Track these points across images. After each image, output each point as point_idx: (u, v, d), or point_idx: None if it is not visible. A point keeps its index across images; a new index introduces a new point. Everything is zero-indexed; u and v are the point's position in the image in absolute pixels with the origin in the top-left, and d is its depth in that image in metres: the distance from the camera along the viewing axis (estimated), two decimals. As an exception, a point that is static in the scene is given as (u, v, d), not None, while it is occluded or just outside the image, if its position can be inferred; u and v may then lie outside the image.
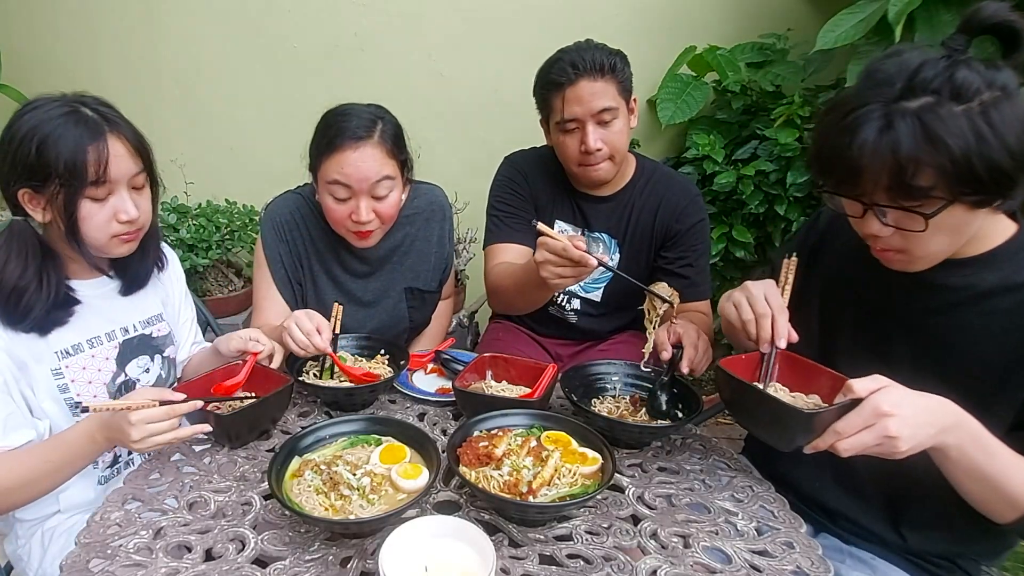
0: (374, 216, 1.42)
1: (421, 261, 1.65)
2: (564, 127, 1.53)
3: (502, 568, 0.89)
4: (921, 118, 0.82)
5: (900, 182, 0.85)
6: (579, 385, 1.30)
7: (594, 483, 1.02)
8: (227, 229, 2.63)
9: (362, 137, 1.38)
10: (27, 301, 1.11)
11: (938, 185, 0.84)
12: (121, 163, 1.12)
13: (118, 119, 1.14)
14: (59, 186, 1.08)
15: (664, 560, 0.92)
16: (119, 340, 1.26)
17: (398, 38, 2.70)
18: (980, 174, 0.82)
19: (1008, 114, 0.82)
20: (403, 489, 1.00)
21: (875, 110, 0.85)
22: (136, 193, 1.17)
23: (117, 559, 0.90)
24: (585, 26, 2.63)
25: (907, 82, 0.85)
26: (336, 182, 1.39)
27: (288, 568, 0.90)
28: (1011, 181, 0.84)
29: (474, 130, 2.82)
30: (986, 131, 0.81)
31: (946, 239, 0.92)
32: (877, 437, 0.84)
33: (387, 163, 1.41)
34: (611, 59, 1.50)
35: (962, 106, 0.82)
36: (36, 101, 1.11)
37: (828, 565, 0.92)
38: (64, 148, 1.06)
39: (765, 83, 2.46)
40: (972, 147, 0.81)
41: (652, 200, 1.65)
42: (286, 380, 1.22)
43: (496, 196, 1.75)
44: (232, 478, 1.09)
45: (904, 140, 0.82)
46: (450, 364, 1.48)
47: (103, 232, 1.14)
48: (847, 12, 1.98)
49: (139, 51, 2.74)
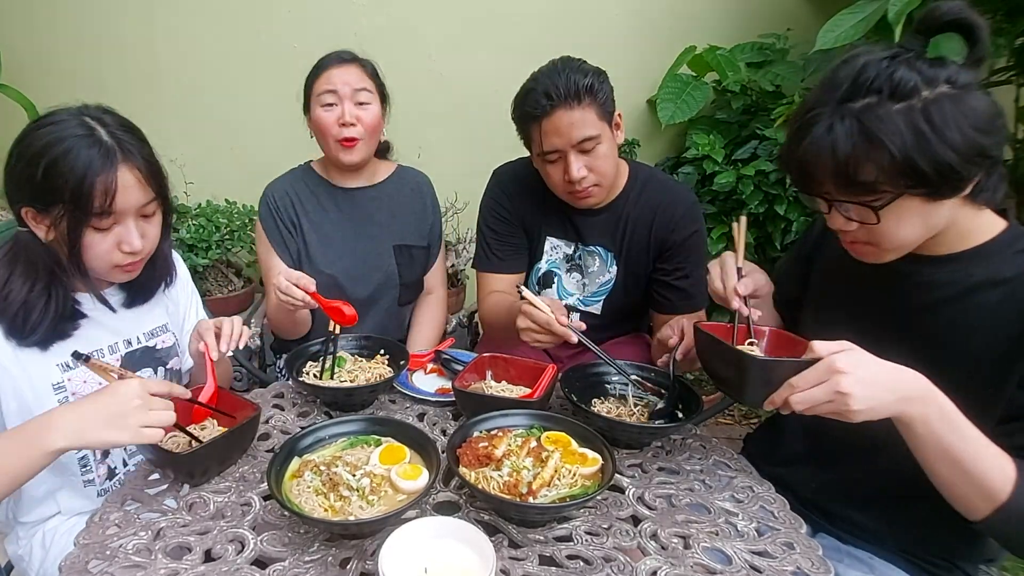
0: (357, 122, 1.60)
1: (406, 223, 1.77)
2: (546, 158, 1.48)
3: (502, 569, 0.89)
4: (860, 118, 0.86)
5: (844, 178, 0.89)
6: (579, 385, 1.30)
7: (594, 484, 1.02)
8: (227, 229, 2.63)
9: (346, 59, 1.64)
10: (35, 318, 1.08)
11: (880, 179, 0.87)
12: (130, 194, 1.07)
13: (134, 146, 1.09)
14: (63, 212, 1.04)
15: (664, 561, 0.92)
16: (122, 353, 1.24)
17: (398, 38, 2.70)
18: (923, 169, 0.84)
19: (950, 111, 0.84)
20: (403, 490, 0.99)
21: (822, 112, 0.89)
22: (145, 221, 1.13)
23: (116, 560, 0.90)
24: (585, 26, 2.64)
25: (851, 84, 0.88)
26: (324, 91, 1.60)
27: (288, 569, 0.89)
28: (958, 175, 0.86)
29: (474, 130, 2.82)
30: (924, 128, 0.83)
31: (911, 229, 0.93)
32: (828, 393, 0.85)
33: (367, 80, 1.63)
34: (587, 81, 1.40)
35: (902, 104, 0.85)
36: (54, 115, 1.07)
37: (828, 566, 0.92)
38: (72, 176, 1.02)
39: (765, 83, 2.46)
40: (910, 143, 0.84)
41: (647, 210, 1.59)
42: (253, 410, 1.14)
43: (483, 218, 1.72)
44: (231, 479, 1.09)
45: (842, 140, 0.87)
46: (450, 364, 1.48)
47: (104, 261, 1.11)
48: (847, 12, 1.98)
49: (139, 51, 2.74)
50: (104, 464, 1.23)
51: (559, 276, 1.72)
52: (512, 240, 1.69)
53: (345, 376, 1.38)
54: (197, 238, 2.54)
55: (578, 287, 1.71)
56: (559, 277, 1.72)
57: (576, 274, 1.71)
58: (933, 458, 0.90)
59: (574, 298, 1.72)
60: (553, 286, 1.73)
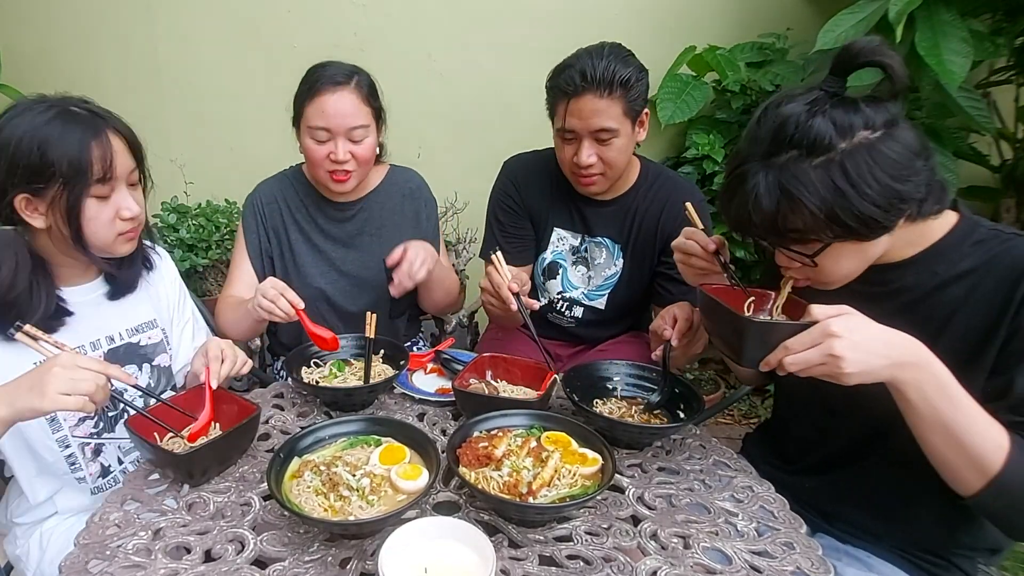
0: (351, 157, 1.52)
1: (398, 234, 1.68)
2: (562, 135, 1.52)
3: (502, 569, 0.89)
4: (780, 177, 0.89)
5: (774, 230, 0.92)
6: (580, 385, 1.30)
7: (594, 484, 1.02)
8: (227, 229, 2.63)
9: (340, 83, 1.51)
10: (18, 313, 1.07)
11: (809, 231, 0.90)
12: (123, 159, 1.11)
13: (111, 115, 1.13)
14: (62, 187, 1.05)
15: (664, 561, 0.92)
16: (104, 349, 1.22)
17: (398, 38, 2.70)
18: (844, 221, 0.87)
19: (866, 164, 0.86)
20: (403, 490, 1.00)
21: (749, 168, 0.92)
22: (132, 190, 1.16)
23: (116, 560, 0.90)
24: (585, 26, 2.64)
25: (772, 139, 0.90)
26: (317, 126, 1.50)
27: (287, 569, 0.89)
28: (878, 223, 0.88)
29: (474, 130, 2.82)
30: (843, 185, 0.86)
31: (850, 265, 0.97)
32: (822, 356, 0.86)
33: (363, 110, 1.53)
34: (624, 74, 1.42)
35: (820, 158, 0.87)
36: (18, 106, 1.09)
37: (828, 566, 0.92)
38: (68, 147, 1.05)
39: (765, 83, 2.46)
40: (829, 200, 0.86)
41: (655, 205, 1.62)
42: (252, 410, 1.13)
43: (492, 209, 1.75)
44: (231, 479, 1.09)
45: (764, 198, 0.89)
46: (450, 364, 1.48)
47: (108, 231, 1.13)
48: (847, 12, 1.98)
49: (139, 51, 2.74)
50: (96, 462, 1.23)
51: (564, 268, 1.73)
52: (520, 232, 1.71)
53: (350, 378, 1.38)
54: (197, 238, 2.54)
55: (583, 280, 1.72)
56: (564, 269, 1.73)
57: (582, 267, 1.72)
58: (926, 426, 0.90)
59: (579, 291, 1.73)
60: (557, 277, 1.74)
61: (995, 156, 2.39)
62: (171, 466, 1.08)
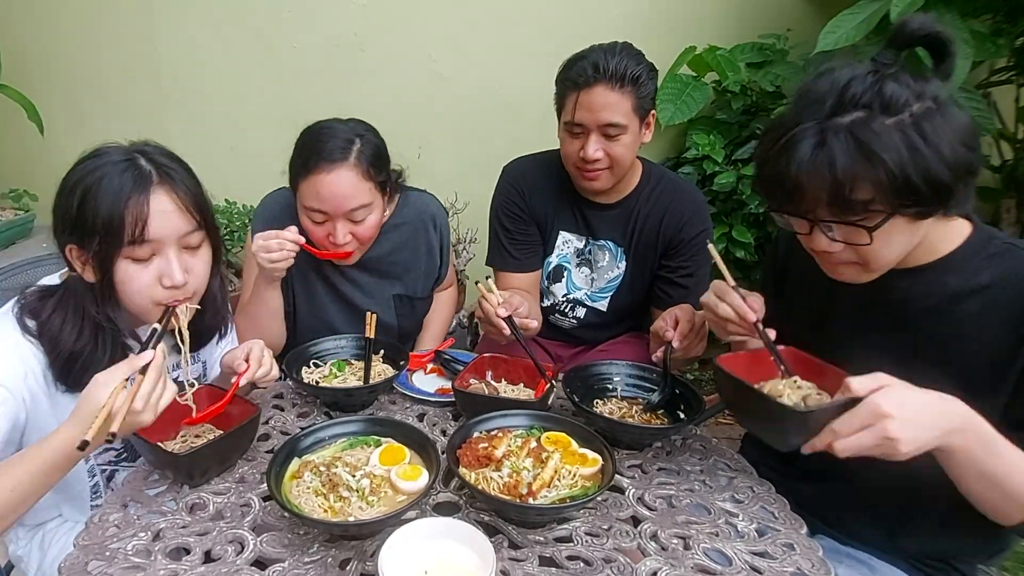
0: (351, 238, 1.44)
1: (409, 270, 1.64)
2: (570, 128, 1.51)
3: (502, 570, 0.89)
4: (854, 133, 0.83)
5: (839, 198, 0.86)
6: (580, 386, 1.30)
7: (594, 484, 1.02)
8: (227, 229, 2.63)
9: (337, 160, 1.36)
10: (83, 364, 1.04)
11: (877, 198, 0.85)
12: (167, 220, 1.02)
13: (174, 171, 1.04)
14: (98, 243, 0.99)
15: (664, 562, 0.92)
16: None
17: (398, 38, 2.70)
18: (917, 185, 0.83)
19: (940, 125, 0.83)
20: (403, 491, 0.99)
21: (809, 128, 0.86)
22: (189, 254, 1.07)
23: (116, 561, 0.90)
24: (585, 26, 2.63)
25: (837, 99, 0.86)
26: (312, 208, 1.40)
27: (287, 570, 0.89)
28: (948, 191, 0.85)
29: (474, 130, 2.82)
30: (919, 143, 0.82)
31: (896, 248, 0.92)
32: (876, 438, 0.82)
33: (362, 187, 1.39)
34: (636, 71, 1.44)
35: (893, 119, 0.83)
36: (100, 149, 1.04)
37: (828, 567, 0.92)
38: (103, 203, 0.98)
39: (765, 83, 2.46)
40: (906, 159, 0.82)
41: (658, 208, 1.62)
42: (253, 411, 1.12)
43: (496, 216, 1.73)
44: (231, 480, 1.09)
45: (839, 156, 0.84)
46: (450, 364, 1.48)
47: (144, 297, 1.04)
48: (848, 13, 1.98)
49: (139, 51, 2.73)
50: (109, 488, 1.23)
51: (569, 271, 1.73)
52: (527, 239, 1.71)
53: (351, 378, 1.38)
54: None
55: (587, 282, 1.72)
56: (569, 271, 1.73)
57: (585, 268, 1.72)
58: (969, 478, 0.89)
59: (582, 292, 1.73)
60: (563, 280, 1.74)
61: (995, 156, 2.39)
62: (171, 467, 1.08)
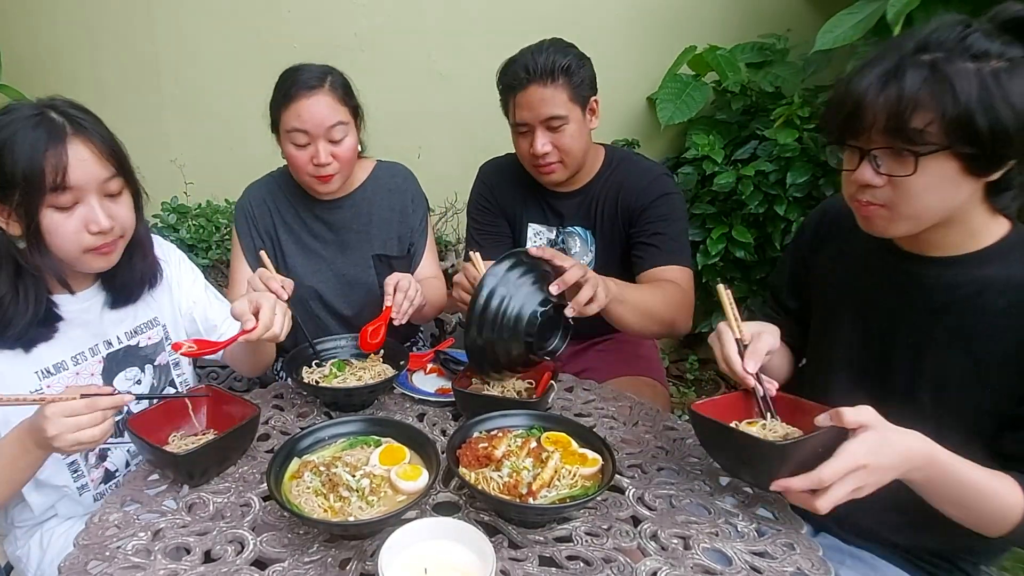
0: (333, 160, 1.52)
1: (385, 229, 1.71)
2: (518, 129, 1.57)
3: (502, 570, 0.89)
4: (933, 65, 0.85)
5: (897, 120, 0.86)
6: None
7: (594, 484, 1.02)
8: (227, 229, 2.63)
9: (314, 86, 1.50)
10: (4, 314, 1.05)
11: (934, 127, 0.85)
12: (86, 168, 1.04)
13: (86, 121, 1.07)
14: (20, 196, 1.01)
15: (664, 562, 0.92)
16: (103, 354, 1.21)
17: (398, 38, 2.70)
18: (979, 125, 0.83)
19: (1018, 80, 0.84)
20: (402, 490, 0.99)
21: (888, 60, 0.88)
22: (111, 201, 1.09)
23: (116, 561, 0.90)
24: (585, 26, 2.63)
25: (923, 39, 0.88)
26: (295, 129, 1.50)
27: (287, 570, 0.89)
28: (1008, 142, 0.85)
29: (474, 130, 2.81)
30: (994, 88, 0.83)
31: (936, 197, 0.91)
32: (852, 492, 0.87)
33: (339, 109, 1.52)
34: (564, 62, 1.48)
35: (974, 64, 0.84)
36: (9, 107, 1.06)
37: (828, 567, 0.92)
38: (21, 154, 1.00)
39: (765, 83, 2.46)
40: (975, 98, 0.83)
41: (615, 186, 1.66)
42: (252, 411, 1.13)
43: (469, 211, 1.81)
44: (231, 479, 1.09)
45: (911, 80, 0.85)
46: (450, 364, 1.48)
47: (73, 244, 1.06)
48: (846, 12, 1.98)
49: (139, 51, 2.73)
50: (100, 467, 1.23)
51: None
52: (494, 229, 1.77)
53: (351, 378, 1.38)
54: (197, 238, 2.54)
55: None
56: None
57: None
58: (938, 503, 0.93)
59: None
60: None
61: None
62: (171, 467, 1.08)
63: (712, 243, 2.45)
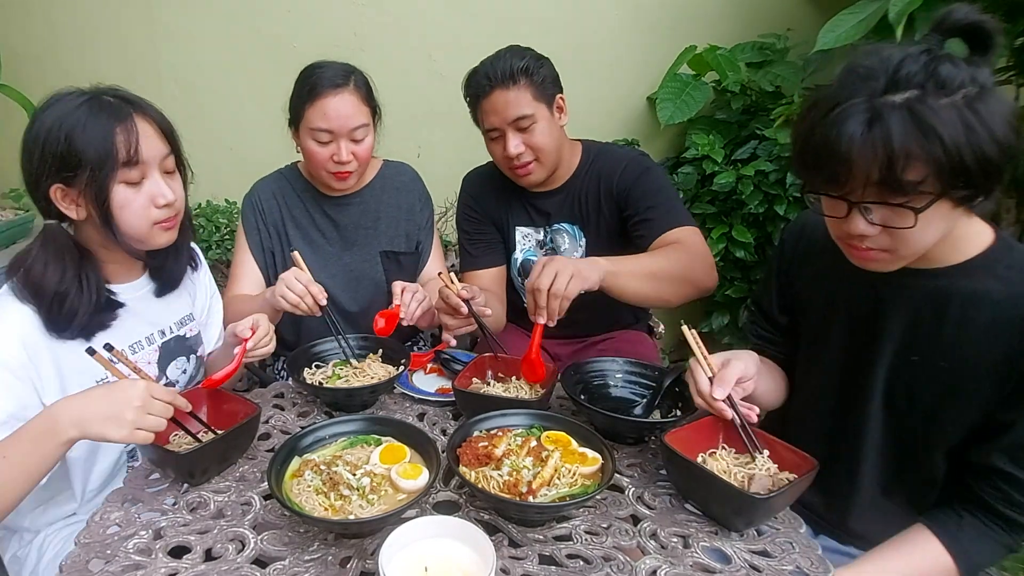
0: (353, 158, 1.56)
1: (392, 226, 1.74)
2: (489, 136, 1.61)
3: (502, 568, 0.89)
4: (911, 109, 0.81)
5: (891, 176, 0.83)
6: (578, 383, 1.30)
7: (594, 483, 1.02)
8: (227, 229, 2.63)
9: (340, 85, 1.53)
10: (70, 306, 1.09)
11: (928, 178, 0.83)
12: (152, 143, 1.11)
13: (141, 101, 1.13)
14: (91, 175, 1.05)
15: (664, 560, 0.92)
16: (159, 343, 1.26)
17: (398, 38, 2.70)
18: (970, 166, 0.81)
19: (992, 106, 0.82)
20: (403, 489, 1.00)
21: (861, 103, 0.84)
22: (169, 177, 1.15)
23: (117, 559, 0.90)
24: (585, 26, 2.64)
25: (891, 76, 0.84)
26: (320, 128, 1.52)
27: (288, 568, 0.90)
28: (998, 173, 0.84)
29: (474, 130, 2.79)
30: (974, 122, 0.81)
31: (933, 234, 0.90)
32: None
33: (363, 109, 1.56)
34: (523, 64, 1.52)
35: (948, 98, 0.82)
36: (55, 96, 1.10)
37: (828, 565, 0.92)
38: (93, 133, 1.05)
39: (765, 83, 2.46)
40: (962, 138, 0.81)
41: (594, 179, 1.67)
42: (253, 410, 1.14)
43: (458, 223, 1.84)
44: (231, 478, 1.09)
45: (896, 131, 0.81)
46: (450, 364, 1.48)
47: (143, 219, 1.11)
48: (847, 12, 1.98)
49: (139, 51, 2.74)
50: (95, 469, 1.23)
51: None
52: (484, 237, 1.79)
53: (353, 378, 1.38)
54: (197, 238, 2.54)
55: None
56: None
57: None
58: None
59: None
60: None
61: (995, 156, 2.39)
62: (171, 466, 1.08)
63: (712, 243, 2.44)
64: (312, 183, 1.70)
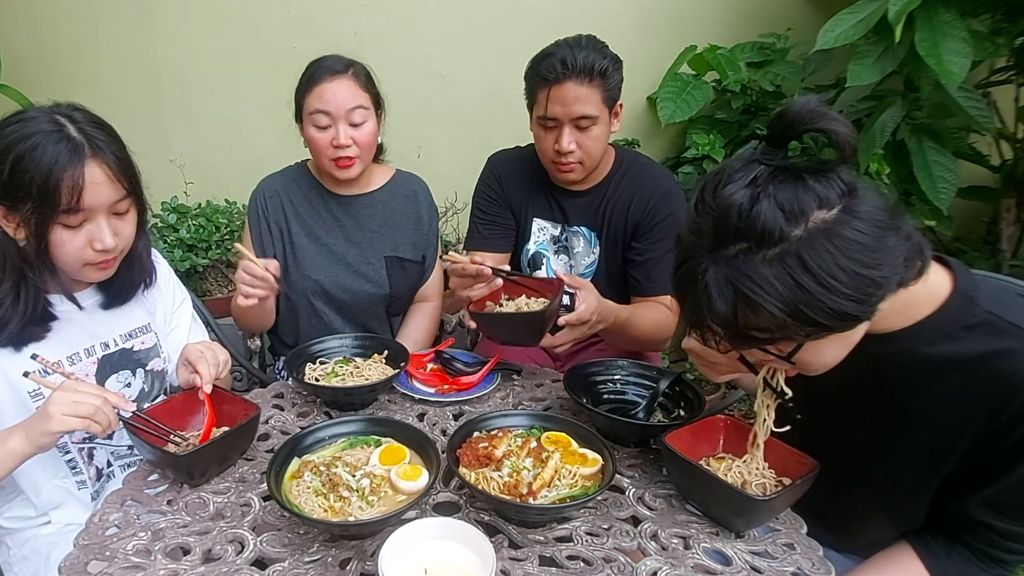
0: (352, 142, 1.55)
1: (399, 233, 1.73)
2: (543, 123, 1.55)
3: (502, 570, 0.89)
4: (731, 276, 0.76)
5: (740, 334, 0.79)
6: (580, 384, 1.30)
7: (594, 484, 1.02)
8: (227, 229, 2.63)
9: (338, 71, 1.56)
10: (2, 315, 1.07)
11: (777, 332, 0.77)
12: (99, 191, 1.05)
13: (103, 141, 1.07)
14: (31, 209, 1.03)
15: (664, 561, 0.92)
16: (98, 356, 1.22)
17: (398, 38, 2.70)
18: (816, 319, 0.75)
19: (827, 253, 0.73)
20: (403, 490, 0.99)
21: (696, 264, 0.80)
22: (118, 219, 1.11)
23: (116, 561, 0.90)
24: (585, 26, 2.62)
25: (715, 229, 0.78)
26: (317, 111, 1.54)
27: (287, 570, 0.89)
28: (857, 316, 0.77)
29: (474, 130, 2.82)
30: (804, 279, 0.73)
31: (834, 352, 0.85)
32: None
33: (361, 94, 1.56)
34: (603, 64, 1.48)
35: (773, 251, 0.74)
36: (24, 113, 1.07)
37: (829, 566, 0.92)
38: (38, 172, 1.00)
39: (765, 83, 2.46)
40: (791, 299, 0.74)
41: (626, 193, 1.65)
42: (252, 410, 1.13)
43: (475, 200, 1.80)
44: (231, 479, 1.09)
45: (719, 301, 0.77)
46: (450, 364, 1.48)
47: (75, 259, 1.09)
48: (847, 12, 1.98)
49: (139, 51, 2.73)
50: (92, 465, 1.22)
51: (547, 258, 1.76)
52: (499, 220, 1.76)
53: (349, 377, 1.37)
54: (197, 238, 2.54)
55: (565, 268, 1.75)
56: (547, 259, 1.76)
57: (563, 256, 1.75)
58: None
59: None
60: (542, 268, 1.76)
61: (995, 156, 2.39)
62: (171, 467, 1.08)
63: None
64: (319, 180, 1.71)
